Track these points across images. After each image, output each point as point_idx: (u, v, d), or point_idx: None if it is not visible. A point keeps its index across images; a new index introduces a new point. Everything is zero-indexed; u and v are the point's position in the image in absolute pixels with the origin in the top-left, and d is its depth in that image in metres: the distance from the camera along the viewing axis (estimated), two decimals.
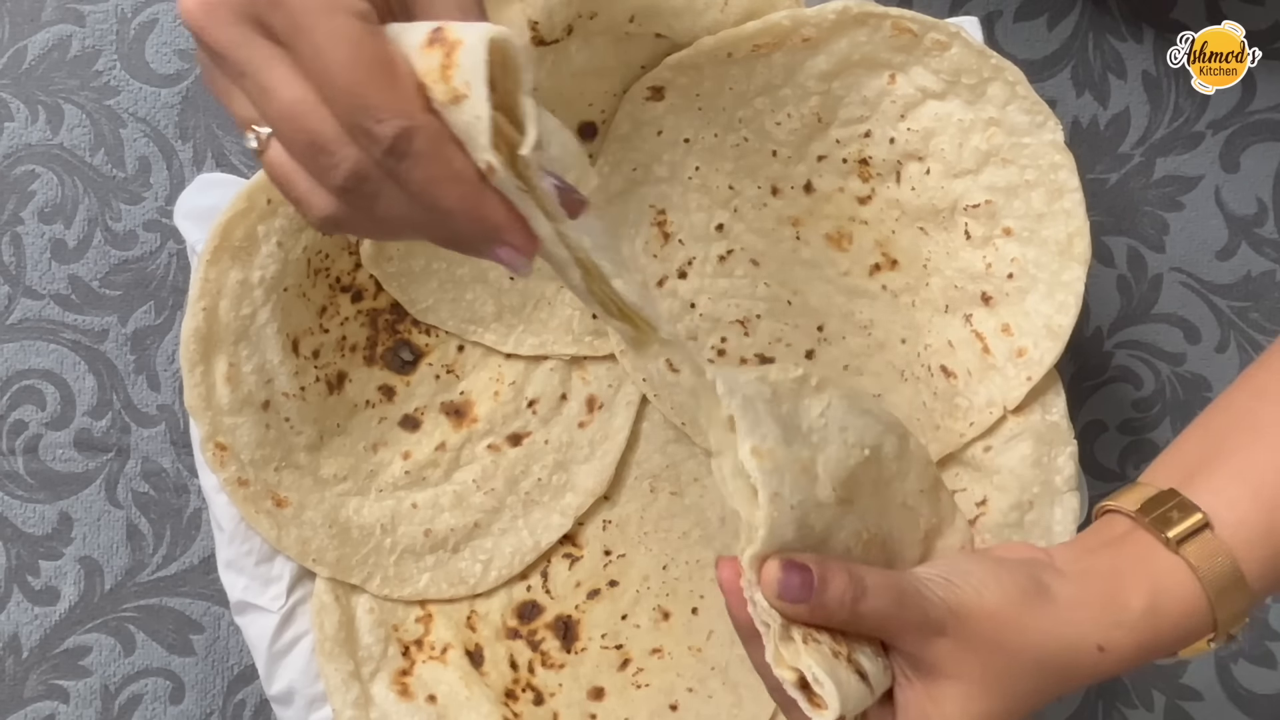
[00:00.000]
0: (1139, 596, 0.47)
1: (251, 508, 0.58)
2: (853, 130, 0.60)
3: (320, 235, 0.59)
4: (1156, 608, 0.47)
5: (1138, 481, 0.50)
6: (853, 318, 0.64)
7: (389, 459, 0.62)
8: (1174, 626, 0.47)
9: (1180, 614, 0.47)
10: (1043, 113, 0.56)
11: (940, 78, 0.57)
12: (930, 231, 0.60)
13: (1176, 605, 0.47)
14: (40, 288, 0.66)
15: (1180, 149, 0.68)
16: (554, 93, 0.59)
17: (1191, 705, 0.68)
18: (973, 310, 0.60)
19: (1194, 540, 0.47)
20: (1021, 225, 0.58)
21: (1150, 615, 0.47)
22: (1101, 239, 0.68)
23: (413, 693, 0.60)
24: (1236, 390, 0.51)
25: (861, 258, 0.62)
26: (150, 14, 0.66)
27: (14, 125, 0.65)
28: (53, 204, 0.66)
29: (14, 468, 0.65)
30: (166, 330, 0.66)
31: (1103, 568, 0.48)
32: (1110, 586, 0.47)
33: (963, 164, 0.58)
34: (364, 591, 0.60)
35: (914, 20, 0.56)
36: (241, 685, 0.66)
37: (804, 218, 0.63)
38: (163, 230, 0.66)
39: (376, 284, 0.61)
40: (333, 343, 0.61)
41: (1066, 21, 0.68)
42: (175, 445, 0.66)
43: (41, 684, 0.65)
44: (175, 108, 0.66)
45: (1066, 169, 0.57)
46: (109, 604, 0.66)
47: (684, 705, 0.62)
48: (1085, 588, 0.47)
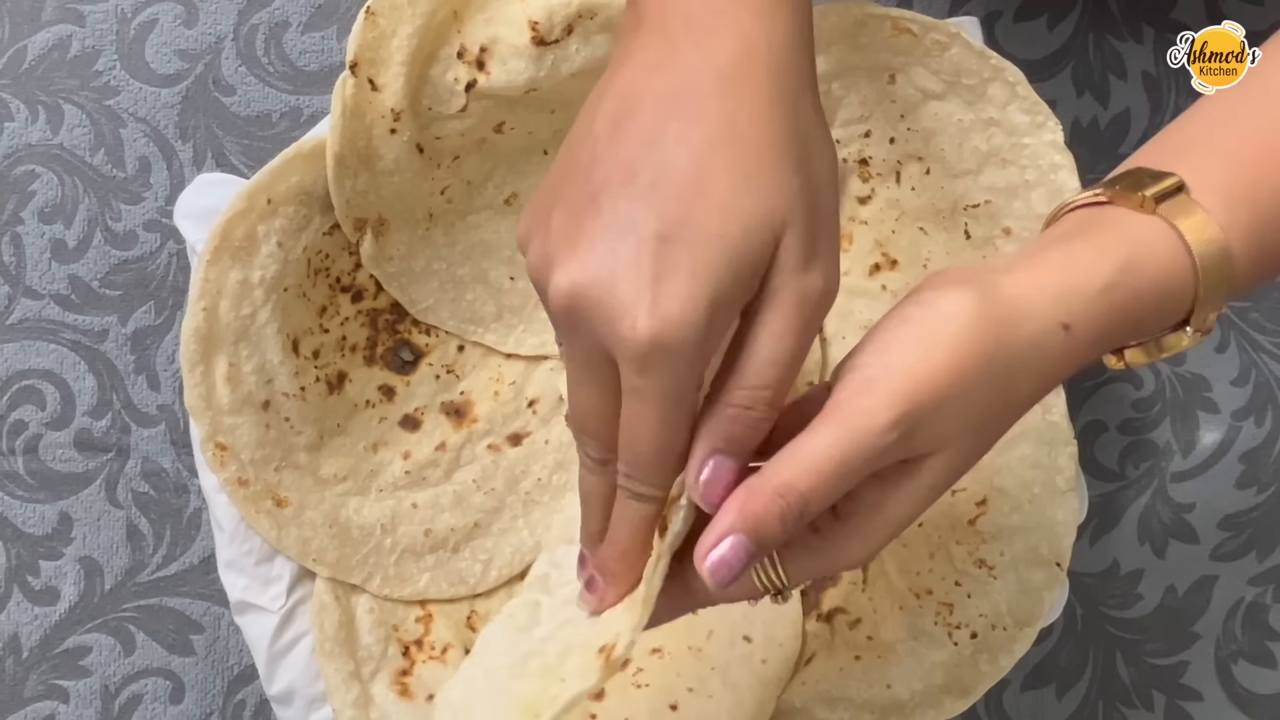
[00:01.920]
0: (1108, 258, 0.40)
1: (251, 508, 0.58)
2: (853, 130, 0.60)
3: (321, 235, 0.59)
4: (1131, 264, 0.40)
5: None
6: (852, 317, 0.64)
7: (389, 459, 0.62)
8: (1152, 286, 0.40)
9: (1159, 271, 0.40)
10: (1043, 113, 0.56)
11: (940, 78, 0.57)
12: (930, 231, 0.60)
13: (1154, 261, 0.40)
14: (40, 288, 0.66)
15: None
16: (554, 93, 0.59)
17: (1191, 705, 0.68)
18: None
19: (1171, 200, 0.41)
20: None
21: (1124, 273, 0.40)
22: None
23: (413, 693, 0.60)
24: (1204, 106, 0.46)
25: (861, 258, 0.62)
26: (150, 14, 0.66)
27: (14, 125, 0.65)
28: (53, 204, 0.66)
29: (14, 468, 0.65)
30: (166, 330, 0.66)
31: (1057, 247, 0.41)
32: (1068, 257, 0.40)
33: (963, 164, 0.58)
34: (364, 591, 0.60)
35: (914, 21, 0.56)
36: (241, 685, 0.67)
37: None
38: (163, 230, 0.66)
39: (376, 284, 0.61)
40: (333, 343, 0.61)
41: (1066, 22, 0.68)
42: (175, 445, 0.66)
43: (41, 684, 0.65)
44: (175, 108, 0.66)
45: (1066, 169, 0.57)
46: (109, 604, 0.66)
47: (684, 705, 0.62)
48: (1037, 268, 0.40)
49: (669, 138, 0.38)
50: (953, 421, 0.39)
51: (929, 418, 0.38)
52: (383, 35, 0.55)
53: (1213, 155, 0.42)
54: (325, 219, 0.59)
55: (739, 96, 0.38)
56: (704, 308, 0.36)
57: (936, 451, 0.39)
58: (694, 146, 0.37)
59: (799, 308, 0.38)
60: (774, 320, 0.38)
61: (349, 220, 0.58)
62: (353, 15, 0.59)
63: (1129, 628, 0.68)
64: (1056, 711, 0.68)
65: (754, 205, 0.37)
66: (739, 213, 0.37)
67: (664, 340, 0.36)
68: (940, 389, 0.38)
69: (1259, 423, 0.69)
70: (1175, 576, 0.68)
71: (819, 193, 0.38)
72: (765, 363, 0.37)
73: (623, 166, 0.38)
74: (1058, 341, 0.39)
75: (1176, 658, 0.68)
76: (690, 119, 0.38)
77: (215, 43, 0.66)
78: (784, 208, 0.37)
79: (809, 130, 0.39)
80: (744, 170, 0.37)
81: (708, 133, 0.37)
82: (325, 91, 0.66)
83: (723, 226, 0.37)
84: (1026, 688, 0.68)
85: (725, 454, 0.39)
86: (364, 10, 0.55)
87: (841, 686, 0.59)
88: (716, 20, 0.39)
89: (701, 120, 0.38)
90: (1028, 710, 0.68)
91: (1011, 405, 0.40)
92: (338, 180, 0.57)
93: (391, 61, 0.55)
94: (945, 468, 0.40)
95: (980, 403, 0.39)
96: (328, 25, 0.67)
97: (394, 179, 0.58)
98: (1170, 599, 0.68)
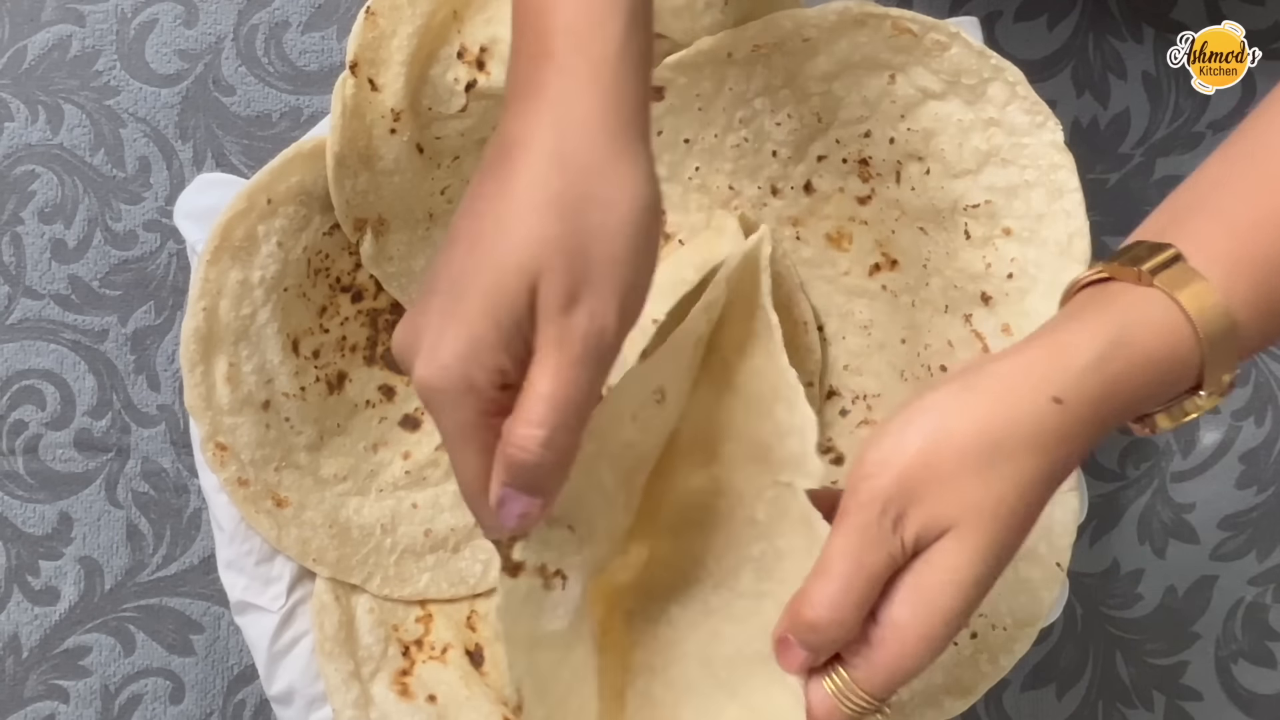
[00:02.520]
0: (1099, 333, 0.41)
1: (251, 508, 0.58)
2: (853, 130, 0.60)
3: (321, 235, 0.59)
4: (1123, 337, 0.41)
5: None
6: (852, 318, 0.64)
7: (389, 459, 0.62)
8: (1147, 358, 0.41)
9: (1156, 341, 0.41)
10: (1043, 113, 0.56)
11: (940, 78, 0.57)
12: (930, 231, 0.60)
13: (1149, 331, 0.41)
14: (40, 288, 0.66)
15: (1180, 149, 0.68)
16: None
17: (1191, 705, 0.68)
18: (972, 310, 0.60)
19: (1168, 271, 0.41)
20: (1021, 225, 0.58)
21: (1116, 345, 0.40)
22: (1101, 239, 0.67)
23: (413, 693, 0.60)
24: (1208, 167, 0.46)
25: (861, 258, 0.62)
26: (150, 14, 0.66)
27: (14, 125, 0.66)
28: (53, 204, 0.66)
29: (14, 468, 0.65)
30: (166, 330, 0.66)
31: (1051, 328, 0.42)
32: (1059, 336, 0.41)
33: (963, 164, 0.58)
34: (364, 591, 0.60)
35: (914, 21, 0.56)
36: (241, 685, 0.67)
37: (804, 218, 0.63)
38: (163, 230, 0.66)
39: (377, 284, 0.61)
40: (333, 343, 0.61)
41: (1066, 22, 0.68)
42: (175, 445, 0.66)
43: (41, 684, 0.65)
44: (175, 108, 0.66)
45: (1066, 169, 0.57)
46: (109, 604, 0.66)
47: None
48: (1027, 349, 0.41)
49: (478, 197, 0.42)
50: (948, 499, 0.40)
51: (914, 497, 0.40)
52: (383, 35, 0.55)
53: (1212, 220, 0.43)
54: (325, 219, 0.59)
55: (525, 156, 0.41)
56: (461, 353, 0.40)
57: (945, 532, 0.40)
58: (483, 203, 0.41)
59: (560, 347, 0.40)
60: (541, 360, 0.40)
61: (349, 220, 0.58)
62: (353, 15, 0.59)
63: (1129, 628, 0.68)
64: (1056, 711, 0.68)
65: (506, 254, 0.40)
66: (494, 262, 0.40)
67: (430, 384, 0.40)
68: (915, 469, 0.40)
69: (1259, 423, 0.69)
70: (1175, 576, 0.68)
71: (588, 239, 0.40)
72: (534, 399, 0.40)
73: (452, 231, 0.42)
74: (1052, 416, 0.40)
75: (1176, 658, 0.68)
76: (492, 177, 0.42)
77: (215, 43, 0.66)
78: (536, 255, 0.40)
79: (592, 181, 0.41)
80: (505, 222, 0.40)
81: (493, 189, 0.41)
82: (325, 91, 0.66)
83: (483, 277, 0.40)
84: (1026, 688, 0.68)
85: (514, 487, 0.41)
86: (364, 10, 0.55)
87: None
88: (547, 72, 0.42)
89: (493, 179, 0.42)
90: (1028, 710, 0.68)
91: (1021, 484, 0.41)
92: (338, 180, 0.57)
93: (391, 61, 0.55)
94: (961, 549, 0.40)
95: (975, 480, 0.40)
96: (328, 25, 0.67)
97: (394, 179, 0.58)
98: (1170, 599, 0.68)
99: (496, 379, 0.40)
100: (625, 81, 0.42)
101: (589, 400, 0.41)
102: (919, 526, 0.40)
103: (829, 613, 0.41)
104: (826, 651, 0.42)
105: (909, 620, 0.41)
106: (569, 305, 0.40)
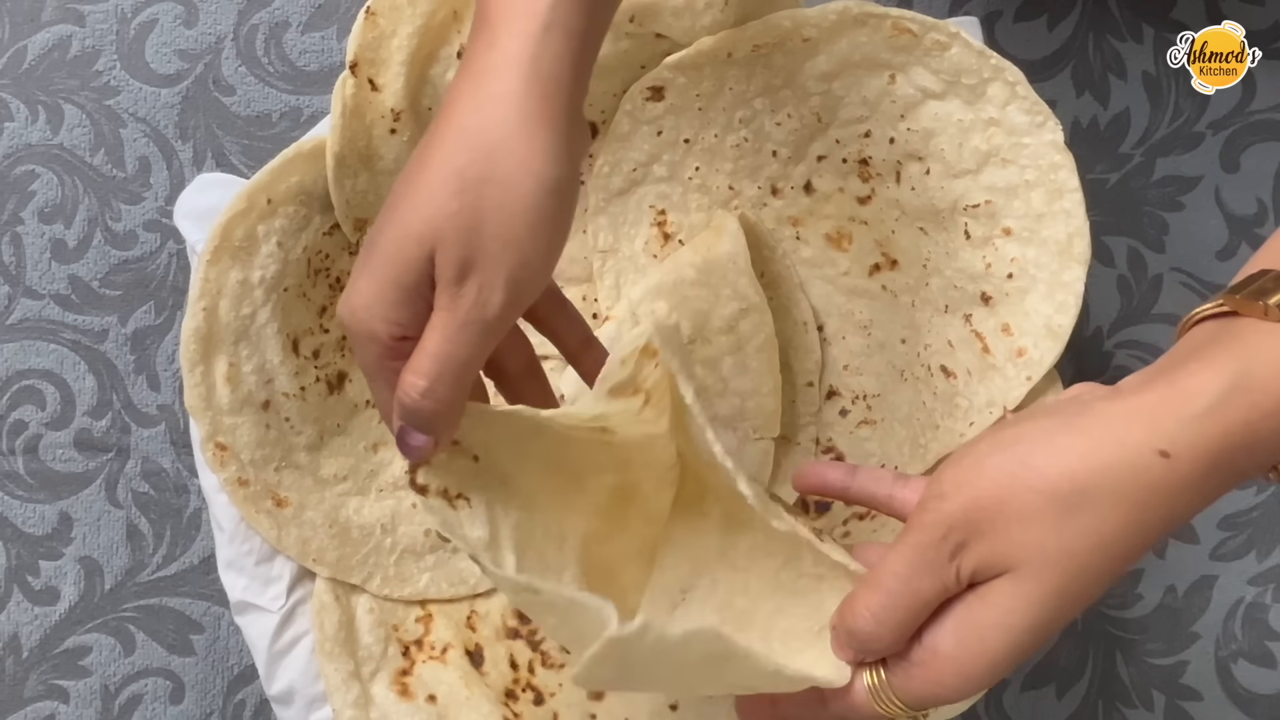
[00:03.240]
0: (1217, 376, 0.37)
1: (251, 508, 0.58)
2: (853, 130, 0.60)
3: (321, 235, 0.59)
4: (1244, 380, 0.37)
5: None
6: (853, 318, 0.64)
7: (389, 459, 0.62)
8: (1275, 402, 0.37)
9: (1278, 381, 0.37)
10: (1043, 113, 0.56)
11: (940, 78, 0.57)
12: (930, 231, 0.60)
13: (1274, 372, 0.37)
14: (40, 288, 0.66)
15: (1180, 149, 0.68)
16: None
17: (1191, 705, 0.68)
18: (972, 310, 0.60)
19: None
20: (1021, 225, 0.58)
21: (1236, 391, 0.37)
22: (1101, 239, 0.68)
23: (413, 693, 0.60)
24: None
25: (861, 258, 0.62)
26: (150, 14, 0.66)
27: (14, 125, 0.66)
28: (53, 204, 0.66)
29: (14, 468, 0.65)
30: (166, 330, 0.66)
31: (1168, 368, 0.39)
32: (1174, 379, 0.38)
33: (963, 164, 0.58)
34: (364, 591, 0.60)
35: (914, 20, 0.56)
36: (241, 685, 0.67)
37: (804, 218, 0.63)
38: (163, 230, 0.66)
39: None
40: (333, 343, 0.61)
41: (1066, 22, 0.68)
42: (175, 445, 0.66)
43: (41, 684, 0.65)
44: (175, 108, 0.66)
45: (1066, 169, 0.57)
46: (109, 604, 0.66)
47: (684, 705, 0.62)
48: (1139, 393, 0.38)
49: (411, 162, 0.45)
50: (1014, 539, 0.39)
51: (979, 530, 0.39)
52: (383, 35, 0.55)
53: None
54: (325, 219, 0.59)
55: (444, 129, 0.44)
56: (366, 303, 0.44)
57: (1004, 573, 0.39)
58: (410, 169, 0.45)
59: (450, 313, 0.43)
60: (433, 321, 0.44)
61: (349, 220, 0.58)
62: (353, 15, 0.59)
63: (1129, 628, 0.68)
64: (1056, 711, 0.68)
65: (410, 224, 0.43)
66: (400, 230, 0.43)
67: (345, 321, 0.45)
68: (987, 500, 0.39)
69: None
70: (1175, 576, 0.68)
71: (482, 218, 0.43)
72: (420, 354, 0.44)
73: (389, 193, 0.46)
74: (1154, 469, 0.37)
75: (1176, 658, 0.68)
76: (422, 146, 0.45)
77: (215, 43, 0.66)
78: (435, 228, 0.43)
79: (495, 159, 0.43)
80: (415, 193, 0.43)
81: (417, 158, 0.44)
82: (325, 91, 0.66)
83: (390, 241, 0.44)
84: (1026, 688, 0.68)
85: (406, 425, 0.45)
86: (364, 10, 0.55)
87: None
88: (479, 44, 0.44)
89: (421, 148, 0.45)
90: (1028, 710, 0.68)
91: (1100, 538, 0.38)
92: (338, 180, 0.57)
93: (391, 61, 0.55)
94: (1017, 593, 0.39)
95: (1047, 526, 0.38)
96: (328, 25, 0.67)
97: (394, 179, 0.58)
98: (1170, 599, 0.68)
99: (395, 330, 0.44)
100: (548, 59, 0.43)
101: (471, 363, 0.44)
102: (977, 560, 0.39)
103: (871, 626, 0.41)
104: (869, 656, 0.43)
105: (950, 653, 0.40)
106: (460, 278, 0.43)
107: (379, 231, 0.44)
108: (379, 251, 0.44)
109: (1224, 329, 0.40)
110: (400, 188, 0.45)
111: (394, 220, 0.44)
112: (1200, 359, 0.39)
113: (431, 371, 0.44)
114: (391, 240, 0.44)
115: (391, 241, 0.44)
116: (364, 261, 0.45)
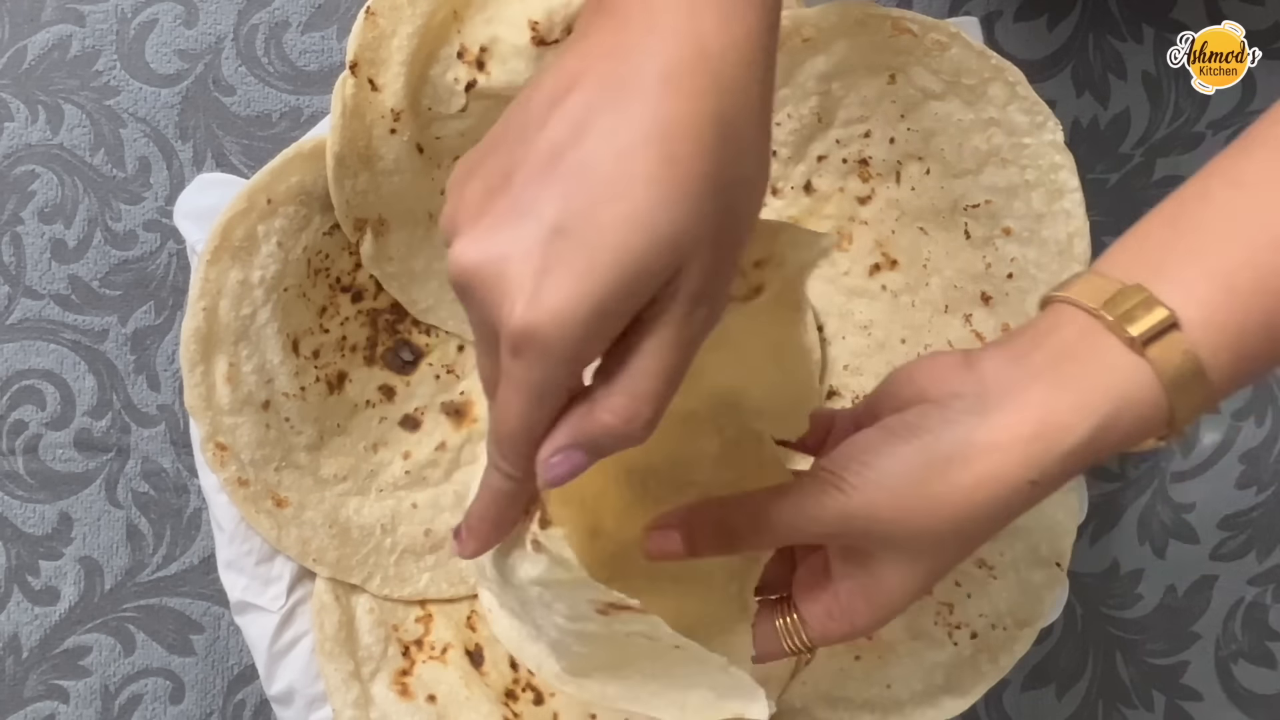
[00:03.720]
0: (1088, 416, 0.41)
1: (251, 508, 0.58)
2: (853, 130, 0.60)
3: (321, 235, 0.59)
4: (1109, 423, 0.41)
5: (1093, 271, 0.43)
6: (852, 318, 0.64)
7: (389, 459, 0.62)
8: (1123, 437, 0.41)
9: (1135, 421, 0.41)
10: (1043, 113, 0.56)
11: (940, 78, 0.57)
12: (930, 231, 0.60)
13: (1133, 414, 0.41)
14: (40, 288, 0.66)
15: (1180, 149, 0.68)
16: None
17: (1191, 705, 0.68)
18: (972, 310, 0.60)
19: (1161, 341, 0.40)
20: (1021, 225, 0.58)
21: (1100, 430, 0.41)
22: (1101, 239, 0.67)
23: (413, 692, 0.60)
24: (1209, 177, 0.43)
25: (861, 258, 0.62)
26: (150, 14, 0.66)
27: (14, 125, 0.66)
28: (53, 204, 0.66)
29: (14, 468, 0.65)
30: (166, 330, 0.66)
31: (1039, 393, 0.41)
32: (1048, 413, 0.41)
33: (963, 164, 0.58)
34: (364, 591, 0.60)
35: (914, 21, 0.56)
36: (241, 685, 0.67)
37: (804, 218, 0.63)
38: (163, 230, 0.66)
39: (377, 284, 0.61)
40: (333, 343, 0.61)
41: (1066, 22, 0.68)
42: (175, 445, 0.66)
43: (41, 684, 0.65)
44: (175, 108, 0.66)
45: (1066, 169, 0.57)
46: (109, 604, 0.66)
47: None
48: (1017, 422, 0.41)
49: (596, 129, 0.35)
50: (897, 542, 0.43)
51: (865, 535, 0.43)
52: (383, 35, 0.55)
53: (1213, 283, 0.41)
54: (325, 219, 0.59)
55: (679, 103, 0.35)
56: (585, 309, 0.35)
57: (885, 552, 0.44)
58: (619, 145, 0.35)
59: (681, 329, 0.37)
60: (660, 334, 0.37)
61: (349, 220, 0.58)
62: (353, 15, 0.59)
63: (1129, 628, 0.68)
64: (1056, 711, 0.68)
65: (664, 224, 0.35)
66: (647, 228, 0.35)
67: (537, 332, 0.35)
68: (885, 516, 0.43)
69: (1259, 423, 0.69)
70: (1175, 576, 0.68)
71: (734, 224, 0.37)
72: (646, 374, 0.37)
73: (545, 148, 0.36)
74: (1023, 495, 0.41)
75: (1176, 658, 0.68)
76: (623, 114, 0.35)
77: (215, 43, 0.66)
78: (694, 235, 0.35)
79: (745, 154, 0.37)
80: (664, 185, 0.35)
81: (637, 134, 0.35)
82: (325, 91, 0.66)
83: (626, 237, 0.35)
84: (1026, 688, 0.68)
85: (583, 451, 0.38)
86: (364, 10, 0.55)
87: (841, 687, 0.59)
88: (674, 15, 0.36)
89: (634, 119, 0.35)
90: (1028, 710, 0.68)
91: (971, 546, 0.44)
92: (338, 180, 0.57)
93: (391, 61, 0.55)
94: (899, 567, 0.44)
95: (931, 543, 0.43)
96: (328, 25, 0.67)
97: (394, 179, 0.58)
98: (1170, 599, 0.68)
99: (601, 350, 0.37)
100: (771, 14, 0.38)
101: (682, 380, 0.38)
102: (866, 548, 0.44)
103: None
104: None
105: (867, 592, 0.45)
106: (700, 299, 0.37)
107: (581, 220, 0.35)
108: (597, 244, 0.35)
109: (1094, 347, 0.41)
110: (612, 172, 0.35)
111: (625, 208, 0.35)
112: (1072, 388, 0.41)
113: (661, 394, 0.37)
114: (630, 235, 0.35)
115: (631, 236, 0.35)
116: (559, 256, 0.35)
